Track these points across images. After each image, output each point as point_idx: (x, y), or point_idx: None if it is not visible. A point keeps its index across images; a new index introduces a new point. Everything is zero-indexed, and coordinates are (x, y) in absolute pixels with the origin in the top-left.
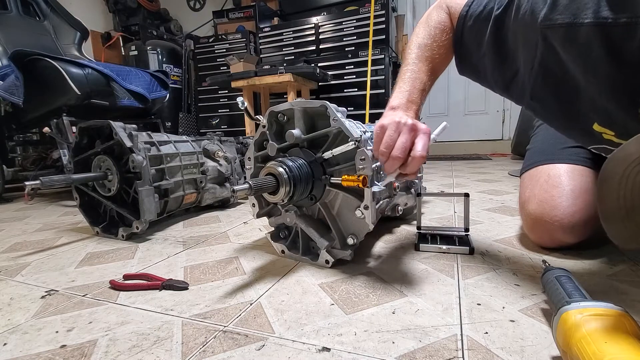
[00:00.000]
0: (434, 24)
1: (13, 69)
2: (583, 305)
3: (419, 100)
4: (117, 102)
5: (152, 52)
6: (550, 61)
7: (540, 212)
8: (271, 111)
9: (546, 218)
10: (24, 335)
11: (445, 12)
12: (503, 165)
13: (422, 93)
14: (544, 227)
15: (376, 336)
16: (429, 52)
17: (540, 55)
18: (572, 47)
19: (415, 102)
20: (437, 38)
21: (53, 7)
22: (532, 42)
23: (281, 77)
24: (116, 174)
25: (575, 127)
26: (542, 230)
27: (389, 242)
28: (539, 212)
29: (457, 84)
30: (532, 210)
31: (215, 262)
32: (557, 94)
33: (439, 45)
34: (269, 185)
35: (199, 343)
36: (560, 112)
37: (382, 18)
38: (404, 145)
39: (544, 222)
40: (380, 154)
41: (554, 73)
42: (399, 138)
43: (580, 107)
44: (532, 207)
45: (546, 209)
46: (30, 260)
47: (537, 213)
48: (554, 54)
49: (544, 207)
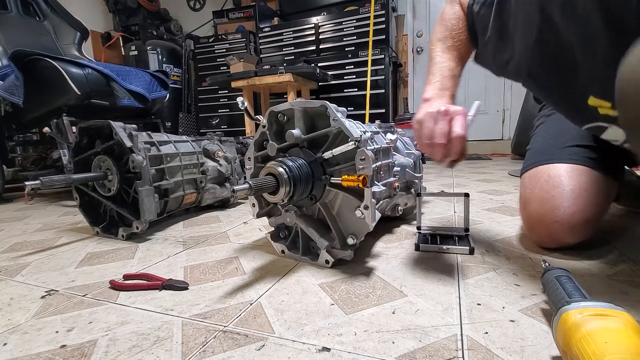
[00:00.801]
0: (449, 16)
1: (13, 69)
2: (583, 305)
3: (450, 85)
4: (117, 102)
5: (152, 52)
6: (548, 37)
7: (541, 213)
8: (271, 111)
9: (547, 218)
10: (24, 335)
11: (457, 4)
12: (503, 165)
13: (453, 79)
14: (545, 227)
15: (376, 336)
16: (450, 41)
17: (539, 32)
18: (571, 19)
19: (448, 88)
20: (455, 27)
21: (53, 7)
22: (530, 19)
23: (281, 77)
24: (116, 174)
25: (570, 102)
26: (543, 231)
27: (389, 242)
28: (540, 212)
29: None
30: (533, 211)
31: (215, 262)
32: (553, 70)
33: (457, 33)
34: (269, 185)
35: (199, 343)
36: (556, 87)
37: (382, 18)
38: (442, 131)
39: (544, 222)
40: (425, 147)
41: (551, 49)
42: (435, 126)
43: (577, 79)
44: (532, 207)
45: (547, 209)
46: (30, 260)
47: (537, 213)
48: (552, 28)
49: (545, 207)
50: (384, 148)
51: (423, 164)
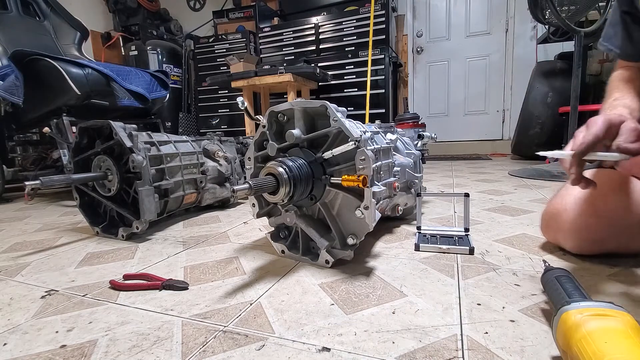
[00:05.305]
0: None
1: (13, 69)
2: (583, 305)
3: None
4: (117, 102)
5: (152, 52)
6: None
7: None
8: (271, 111)
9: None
10: (24, 335)
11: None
12: (503, 165)
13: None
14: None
15: (376, 336)
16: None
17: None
18: None
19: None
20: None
21: (53, 7)
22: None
23: (281, 77)
24: (116, 174)
25: None
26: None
27: (389, 242)
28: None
29: (457, 84)
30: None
31: (215, 262)
32: None
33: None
34: (269, 185)
35: (199, 343)
36: None
37: (382, 18)
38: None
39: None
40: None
41: None
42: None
43: None
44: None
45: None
46: (30, 260)
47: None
48: None
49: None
50: (384, 148)
51: (423, 164)
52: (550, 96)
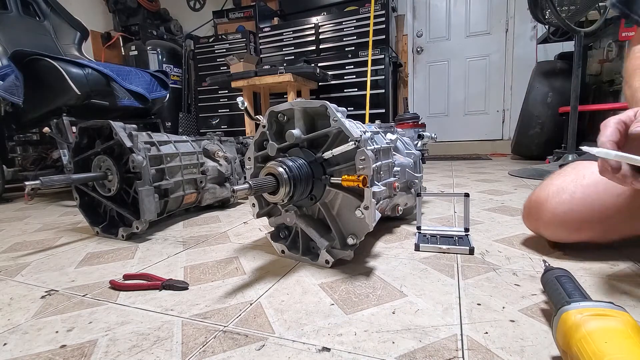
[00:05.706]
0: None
1: (13, 69)
2: (583, 305)
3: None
4: (117, 102)
5: (152, 52)
6: None
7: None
8: (271, 111)
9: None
10: (24, 335)
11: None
12: (503, 165)
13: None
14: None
15: (376, 336)
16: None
17: None
18: None
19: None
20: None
21: (53, 7)
22: None
23: (281, 77)
24: (116, 174)
25: None
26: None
27: (389, 242)
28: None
29: (457, 84)
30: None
31: (215, 262)
32: None
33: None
34: (269, 185)
35: (199, 343)
36: None
37: (382, 18)
38: None
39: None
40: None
41: None
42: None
43: None
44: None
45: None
46: (30, 260)
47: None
48: None
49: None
50: (384, 148)
51: (423, 164)
52: (550, 96)
